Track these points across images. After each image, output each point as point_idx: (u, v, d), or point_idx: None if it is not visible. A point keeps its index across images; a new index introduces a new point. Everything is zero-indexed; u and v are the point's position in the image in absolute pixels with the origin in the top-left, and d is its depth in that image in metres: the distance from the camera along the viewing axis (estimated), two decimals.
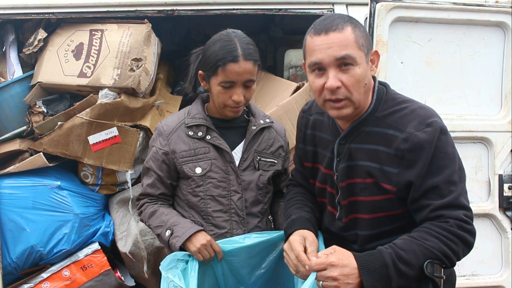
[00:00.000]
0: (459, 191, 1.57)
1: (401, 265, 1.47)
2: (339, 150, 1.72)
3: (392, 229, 1.67)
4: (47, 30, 2.72)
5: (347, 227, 1.74)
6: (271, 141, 2.08)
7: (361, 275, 1.46)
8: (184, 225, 1.91)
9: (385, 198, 1.63)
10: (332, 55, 1.55)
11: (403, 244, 1.51)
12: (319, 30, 1.59)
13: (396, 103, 1.67)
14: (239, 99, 1.89)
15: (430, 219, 1.55)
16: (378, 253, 1.50)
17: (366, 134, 1.67)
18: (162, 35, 3.18)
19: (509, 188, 2.62)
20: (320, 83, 1.59)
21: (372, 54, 1.66)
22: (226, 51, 1.87)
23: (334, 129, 1.76)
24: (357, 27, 1.60)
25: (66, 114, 2.61)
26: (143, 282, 2.82)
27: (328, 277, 1.47)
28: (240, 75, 1.87)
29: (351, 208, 1.71)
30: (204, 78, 1.99)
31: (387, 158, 1.61)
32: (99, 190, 2.81)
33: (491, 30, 2.58)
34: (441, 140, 1.56)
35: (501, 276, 2.66)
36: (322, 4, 2.67)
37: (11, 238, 2.55)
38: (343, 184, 1.71)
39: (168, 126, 2.03)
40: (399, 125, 1.60)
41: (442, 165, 1.56)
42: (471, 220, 1.56)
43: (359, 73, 1.57)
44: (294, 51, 3.91)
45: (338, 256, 1.49)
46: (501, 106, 2.64)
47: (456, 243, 1.52)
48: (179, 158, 1.98)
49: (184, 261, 1.82)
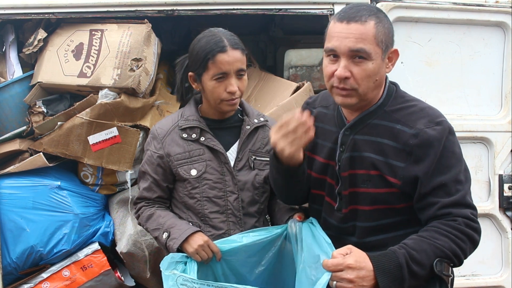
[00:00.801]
0: (466, 190, 1.59)
1: (414, 266, 1.47)
2: (343, 140, 1.73)
3: (391, 223, 1.68)
4: (47, 30, 2.72)
5: (346, 218, 1.74)
6: (266, 140, 2.08)
7: (376, 276, 1.45)
8: (181, 227, 1.91)
9: (388, 191, 1.64)
10: (347, 46, 1.56)
11: (414, 244, 1.51)
12: (342, 18, 1.59)
13: (405, 100, 1.71)
14: (234, 89, 1.90)
15: (437, 217, 1.56)
16: (392, 253, 1.50)
17: (373, 127, 1.68)
18: (162, 35, 3.18)
19: (509, 188, 2.62)
20: (332, 68, 1.61)
21: (391, 52, 1.66)
22: (212, 43, 1.89)
23: (339, 120, 1.77)
24: (382, 22, 1.60)
25: (66, 114, 2.61)
26: (143, 282, 2.81)
27: (343, 279, 1.46)
28: (231, 64, 1.89)
29: (351, 199, 1.72)
30: (195, 80, 1.99)
31: (394, 152, 1.62)
32: (99, 190, 2.81)
33: (491, 30, 2.59)
34: (449, 140, 1.60)
35: (501, 276, 2.66)
36: (322, 4, 2.67)
37: (11, 238, 2.55)
38: (345, 174, 1.71)
39: (162, 129, 2.03)
40: (408, 121, 1.62)
41: (449, 164, 1.58)
42: (477, 219, 1.58)
43: (371, 68, 1.58)
44: (294, 51, 3.92)
45: (355, 258, 1.48)
46: (501, 106, 2.64)
47: (465, 242, 1.54)
48: (174, 161, 1.98)
49: (183, 262, 1.81)
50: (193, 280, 1.59)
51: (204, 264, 1.85)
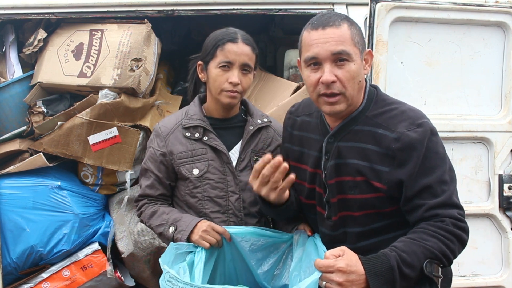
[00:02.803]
0: (451, 190, 1.59)
1: (404, 268, 1.47)
2: (328, 148, 1.73)
3: (381, 226, 1.68)
4: (47, 30, 2.72)
5: (336, 226, 1.75)
6: (268, 141, 2.09)
7: (368, 279, 1.46)
8: (186, 219, 1.91)
9: (375, 196, 1.64)
10: (328, 50, 1.58)
11: (404, 246, 1.52)
12: (316, 25, 1.61)
13: (386, 103, 1.70)
14: (236, 80, 1.91)
15: (425, 219, 1.57)
16: (383, 256, 1.50)
17: (356, 133, 1.68)
18: (162, 35, 3.18)
19: (509, 188, 2.62)
20: (315, 77, 1.61)
21: (366, 53, 1.69)
22: (225, 33, 1.96)
23: (323, 128, 1.77)
24: (353, 25, 1.64)
25: (66, 114, 2.61)
26: (143, 282, 2.82)
27: (333, 281, 1.46)
28: (238, 55, 1.92)
29: (340, 206, 1.72)
30: (202, 69, 2.01)
31: (377, 157, 1.62)
32: (99, 190, 2.81)
33: (491, 30, 2.58)
34: (431, 141, 1.59)
35: (501, 276, 2.65)
36: (322, 4, 2.68)
37: (11, 238, 2.55)
38: (332, 181, 1.72)
39: (165, 127, 2.03)
40: (389, 125, 1.63)
41: (433, 165, 1.58)
42: (464, 218, 1.58)
43: (354, 69, 1.60)
44: (294, 51, 3.89)
45: (346, 262, 1.47)
46: (501, 106, 2.64)
47: (453, 242, 1.54)
48: (177, 160, 1.98)
49: (193, 253, 1.80)
50: (177, 278, 1.60)
51: (216, 249, 1.84)
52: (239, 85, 1.93)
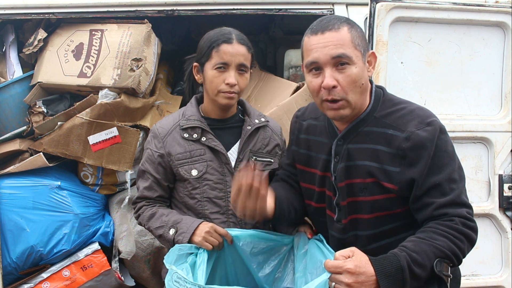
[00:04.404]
0: (460, 189, 1.59)
1: (415, 268, 1.47)
2: (337, 151, 1.73)
3: (392, 228, 1.67)
4: (47, 30, 2.72)
5: (346, 229, 1.74)
6: (266, 140, 2.08)
7: (378, 280, 1.45)
8: (187, 221, 1.91)
9: (386, 197, 1.64)
10: (328, 54, 1.57)
11: (414, 245, 1.51)
12: (315, 30, 1.62)
13: (394, 103, 1.70)
14: (233, 81, 1.91)
15: (434, 217, 1.56)
16: (393, 257, 1.49)
17: (365, 134, 1.67)
18: (162, 35, 3.19)
19: (509, 188, 2.62)
20: (317, 82, 1.61)
21: (369, 55, 1.68)
22: (220, 34, 1.94)
23: (331, 131, 1.77)
24: (354, 28, 1.62)
25: (66, 114, 2.61)
26: (143, 282, 2.82)
27: (341, 282, 1.45)
28: (234, 56, 1.91)
29: (350, 209, 1.71)
30: (198, 71, 2.00)
31: (388, 157, 1.62)
32: (99, 190, 2.81)
33: (491, 30, 2.58)
34: (441, 139, 1.59)
35: (501, 276, 2.65)
36: (322, 4, 2.67)
37: (11, 238, 2.55)
38: (342, 184, 1.71)
39: (163, 128, 2.02)
40: (399, 125, 1.62)
41: (443, 164, 1.58)
42: (473, 217, 1.58)
43: (355, 72, 1.59)
44: (294, 51, 3.90)
45: (355, 263, 1.46)
46: (501, 106, 2.64)
47: (463, 241, 1.54)
48: (175, 161, 1.97)
49: (194, 254, 1.80)
50: (185, 279, 1.59)
51: (217, 251, 1.84)
52: (236, 86, 1.92)
